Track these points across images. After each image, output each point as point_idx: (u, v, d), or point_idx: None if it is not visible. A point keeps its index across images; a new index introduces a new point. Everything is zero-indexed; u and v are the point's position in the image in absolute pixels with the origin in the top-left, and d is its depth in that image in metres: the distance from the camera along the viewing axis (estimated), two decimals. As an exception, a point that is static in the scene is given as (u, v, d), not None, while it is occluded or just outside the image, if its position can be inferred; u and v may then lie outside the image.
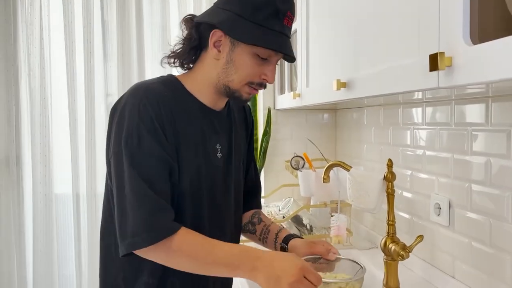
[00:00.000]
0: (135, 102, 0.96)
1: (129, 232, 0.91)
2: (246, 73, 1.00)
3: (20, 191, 2.15)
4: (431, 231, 1.34)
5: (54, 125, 2.18)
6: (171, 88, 1.03)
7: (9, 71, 2.09)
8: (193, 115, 1.04)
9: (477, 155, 1.14)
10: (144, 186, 0.92)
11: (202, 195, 1.04)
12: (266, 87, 1.08)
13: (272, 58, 1.01)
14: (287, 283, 0.88)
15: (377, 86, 1.01)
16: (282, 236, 1.17)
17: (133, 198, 0.92)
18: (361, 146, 1.87)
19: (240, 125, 1.20)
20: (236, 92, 1.03)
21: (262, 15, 0.96)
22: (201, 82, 1.05)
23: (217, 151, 1.07)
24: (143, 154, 0.94)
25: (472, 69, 0.68)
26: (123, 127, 0.95)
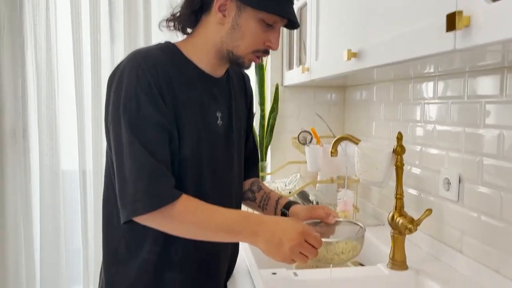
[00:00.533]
0: (133, 68, 0.94)
1: (130, 199, 0.91)
2: (252, 39, 0.99)
3: (27, 164, 2.15)
4: (440, 207, 1.32)
5: (61, 99, 2.16)
6: (169, 54, 1.02)
7: (15, 42, 2.07)
8: (192, 81, 1.02)
9: (490, 128, 1.11)
10: (144, 152, 0.91)
11: (203, 163, 1.03)
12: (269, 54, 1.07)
13: (277, 25, 1.00)
14: (288, 247, 0.88)
15: (389, 53, 0.99)
16: (283, 202, 1.18)
17: (133, 164, 0.91)
18: (370, 123, 1.84)
19: (240, 93, 1.19)
20: (240, 58, 1.01)
21: None
22: (201, 47, 1.03)
23: (217, 118, 1.06)
24: (142, 120, 0.93)
25: (491, 27, 0.65)
26: (121, 93, 0.94)
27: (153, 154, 0.92)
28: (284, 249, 0.89)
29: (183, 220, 0.93)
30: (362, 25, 1.17)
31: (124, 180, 0.92)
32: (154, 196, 0.90)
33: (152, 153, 0.92)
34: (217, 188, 1.07)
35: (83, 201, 2.22)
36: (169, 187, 0.93)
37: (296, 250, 0.89)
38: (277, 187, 1.84)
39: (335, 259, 1.03)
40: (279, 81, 2.20)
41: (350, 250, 1.04)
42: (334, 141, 1.34)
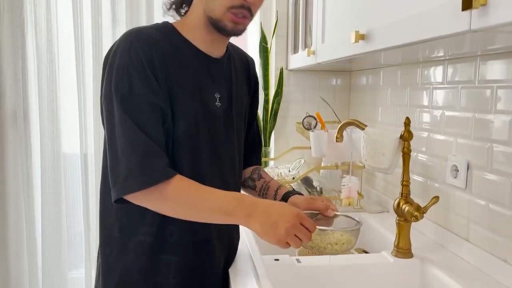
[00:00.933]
0: (125, 46, 0.93)
1: (121, 176, 0.89)
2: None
3: (28, 147, 2.13)
4: (446, 194, 1.29)
5: (62, 81, 2.13)
6: (165, 33, 1.00)
7: (14, 23, 2.03)
8: (188, 61, 1.00)
9: (501, 113, 1.08)
10: (136, 130, 0.90)
11: (200, 143, 1.01)
12: (253, 16, 1.00)
13: None
14: (283, 228, 0.87)
15: (400, 35, 0.95)
16: (282, 193, 1.17)
17: (125, 141, 0.90)
18: (376, 109, 1.80)
19: (242, 76, 1.16)
20: (220, 21, 0.97)
21: None
22: (193, 24, 1.02)
23: (216, 99, 1.04)
24: (134, 97, 0.91)
25: (510, 6, 0.61)
26: (113, 71, 0.93)
27: (146, 132, 0.90)
28: (279, 230, 0.88)
29: (176, 199, 0.92)
30: (371, 4, 1.13)
31: (116, 158, 0.91)
32: (147, 173, 0.89)
33: (145, 131, 0.90)
34: (214, 169, 1.05)
35: (84, 184, 2.21)
36: (162, 165, 0.91)
37: (291, 232, 0.88)
38: (280, 173, 1.82)
39: (328, 248, 1.03)
40: (284, 65, 2.17)
41: (344, 243, 1.04)
42: (339, 126, 1.31)
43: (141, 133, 0.90)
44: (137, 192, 0.89)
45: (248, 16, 0.98)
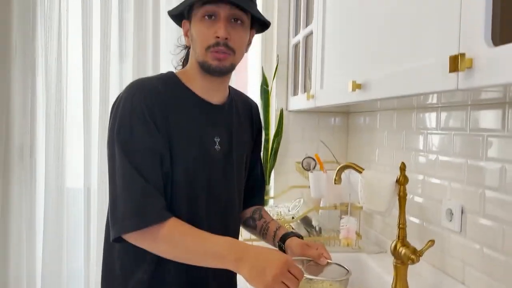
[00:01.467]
0: (128, 96, 1.01)
1: (119, 217, 0.95)
2: (201, 38, 1.04)
3: (33, 182, 2.16)
4: (442, 237, 1.33)
5: (69, 119, 2.19)
6: (168, 83, 1.08)
7: (26, 63, 2.11)
8: (189, 108, 1.07)
9: (491, 161, 1.13)
10: (134, 173, 0.96)
11: (198, 188, 1.06)
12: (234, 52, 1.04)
13: (219, 15, 1.02)
14: (271, 275, 0.89)
15: (394, 87, 1.01)
16: (280, 234, 1.20)
17: (124, 184, 0.96)
18: (373, 150, 1.86)
19: (245, 121, 1.21)
20: (205, 62, 1.04)
21: None
22: (191, 72, 1.10)
23: (215, 143, 1.09)
24: (134, 142, 0.98)
25: (493, 71, 0.67)
26: (117, 118, 1.00)
27: (144, 175, 0.96)
28: (267, 276, 0.89)
29: (169, 242, 0.96)
30: (367, 57, 1.20)
31: (115, 199, 0.97)
32: (141, 215, 0.94)
33: (143, 174, 0.96)
34: (213, 213, 1.09)
35: (86, 219, 2.23)
36: (158, 207, 0.96)
37: (278, 279, 0.89)
38: (280, 212, 1.85)
39: None
40: (284, 106, 2.24)
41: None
42: (338, 169, 1.35)
43: (139, 176, 0.96)
44: (132, 232, 0.95)
45: (228, 52, 1.03)
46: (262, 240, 1.27)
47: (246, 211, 1.29)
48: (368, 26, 1.20)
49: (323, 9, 1.62)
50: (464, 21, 0.75)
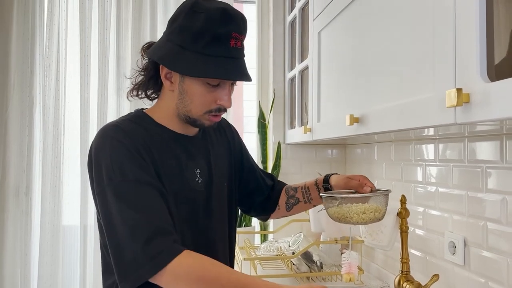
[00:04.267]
0: (105, 142, 0.96)
1: (130, 267, 0.87)
2: (200, 102, 1.00)
3: (29, 221, 2.14)
4: (446, 270, 1.30)
5: (66, 157, 2.19)
6: (140, 121, 1.04)
7: (24, 102, 2.12)
8: (166, 144, 1.04)
9: (492, 192, 1.12)
10: (135, 216, 0.89)
11: (182, 221, 1.02)
12: (226, 111, 1.06)
13: (224, 83, 1.00)
14: None
15: (392, 121, 1.02)
16: (321, 180, 1.22)
17: (126, 231, 0.89)
18: (372, 182, 1.85)
19: (219, 143, 1.19)
20: (198, 121, 1.03)
21: (203, 43, 0.94)
22: (166, 112, 1.06)
23: (196, 175, 1.07)
24: (127, 183, 0.92)
25: (491, 105, 0.68)
26: (101, 166, 0.94)
27: (145, 215, 0.90)
28: None
29: (189, 277, 0.87)
30: (364, 91, 1.22)
31: (119, 250, 0.89)
32: (155, 256, 0.86)
33: (144, 214, 0.90)
34: (201, 247, 1.04)
35: (82, 255, 2.19)
36: (168, 242, 0.89)
37: None
38: (280, 247, 1.83)
39: (355, 218, 1.04)
40: (281, 139, 2.24)
41: (372, 211, 1.05)
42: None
43: (140, 218, 0.89)
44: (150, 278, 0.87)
45: (223, 112, 1.04)
46: (310, 208, 1.30)
47: (280, 199, 1.28)
48: (365, 60, 1.22)
49: (318, 44, 1.65)
50: (459, 56, 0.76)
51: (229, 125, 1.28)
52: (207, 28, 0.93)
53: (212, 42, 0.94)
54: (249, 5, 2.50)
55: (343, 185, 1.15)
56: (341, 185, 1.16)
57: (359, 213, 1.04)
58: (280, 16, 2.29)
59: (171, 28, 1.00)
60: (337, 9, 1.42)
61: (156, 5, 2.27)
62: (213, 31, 0.93)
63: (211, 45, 0.94)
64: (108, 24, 2.22)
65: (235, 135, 1.28)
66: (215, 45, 0.94)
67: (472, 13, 0.73)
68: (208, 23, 0.93)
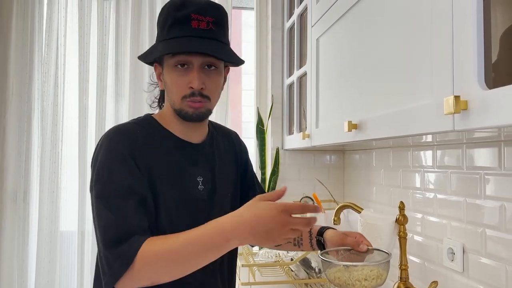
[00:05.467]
0: (106, 142, 1.00)
1: (105, 267, 0.91)
2: (175, 88, 1.03)
3: (26, 227, 2.13)
4: (445, 277, 1.30)
5: (64, 162, 2.18)
6: (145, 126, 1.06)
7: (22, 108, 2.12)
8: (169, 149, 1.05)
9: (490, 199, 1.13)
10: (110, 216, 0.92)
11: (183, 228, 0.99)
12: (210, 99, 1.04)
13: (192, 65, 1.00)
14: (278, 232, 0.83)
15: (390, 128, 1.02)
16: (315, 230, 1.20)
17: (100, 230, 0.93)
18: (370, 188, 1.85)
19: (227, 154, 1.19)
20: (181, 111, 1.04)
21: (166, 30, 1.01)
22: (168, 115, 1.09)
23: (198, 183, 1.07)
24: (111, 185, 0.95)
25: (489, 113, 0.68)
26: (96, 165, 0.99)
27: (120, 218, 0.92)
28: (274, 236, 0.84)
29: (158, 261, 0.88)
30: (362, 97, 1.22)
31: (99, 249, 0.94)
32: (123, 255, 0.89)
33: (119, 216, 0.92)
34: None
35: (80, 262, 2.18)
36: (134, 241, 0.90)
37: (285, 230, 0.84)
38: (279, 253, 1.82)
39: (357, 285, 1.01)
40: (279, 145, 2.24)
41: (374, 278, 1.02)
42: (336, 209, 1.34)
43: (114, 219, 0.92)
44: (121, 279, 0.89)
45: (203, 100, 1.03)
46: (298, 250, 1.26)
47: None
48: (363, 67, 1.22)
49: (316, 50, 1.66)
50: (456, 64, 0.77)
51: (240, 141, 1.29)
52: (167, 15, 1.01)
53: (172, 26, 1.00)
54: (248, 11, 2.51)
55: (339, 241, 1.13)
56: (336, 241, 1.13)
57: (361, 279, 1.02)
58: (278, 22, 2.30)
59: None
60: (336, 15, 1.42)
61: (155, 11, 2.27)
62: (172, 16, 1.00)
63: (172, 29, 1.00)
64: (107, 30, 2.22)
65: (243, 151, 1.28)
66: (175, 28, 1.00)
67: (469, 20, 0.73)
68: (168, 11, 1.02)
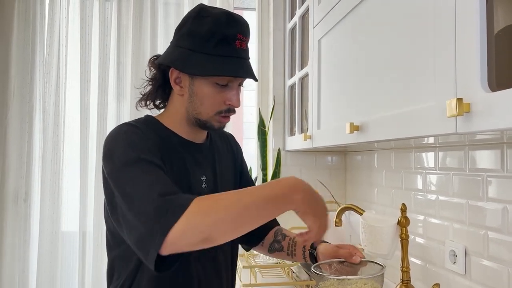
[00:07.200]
0: (119, 132, 0.97)
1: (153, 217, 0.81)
2: (210, 103, 1.02)
3: (27, 228, 2.13)
4: (447, 279, 1.30)
5: (65, 163, 2.19)
6: (149, 125, 1.05)
7: (23, 108, 2.13)
8: (175, 149, 1.05)
9: (493, 201, 1.12)
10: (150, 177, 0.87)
11: None
12: (236, 112, 1.07)
13: (232, 83, 1.02)
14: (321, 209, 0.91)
15: (392, 129, 1.02)
16: (309, 243, 1.18)
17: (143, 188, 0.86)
18: (372, 189, 1.85)
19: (225, 154, 1.21)
20: (208, 122, 1.04)
21: (211, 45, 0.98)
22: (174, 118, 1.08)
23: (202, 182, 1.08)
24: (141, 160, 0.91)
25: (492, 115, 0.68)
26: (114, 152, 0.93)
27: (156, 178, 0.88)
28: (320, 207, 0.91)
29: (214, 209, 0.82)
30: (364, 99, 1.22)
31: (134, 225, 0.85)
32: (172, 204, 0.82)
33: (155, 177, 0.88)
34: (201, 255, 1.04)
35: (81, 263, 2.18)
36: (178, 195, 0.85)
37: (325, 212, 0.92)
38: (280, 254, 1.81)
39: None
40: (281, 146, 2.24)
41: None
42: (338, 211, 1.34)
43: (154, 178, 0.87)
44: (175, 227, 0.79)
45: (232, 113, 1.06)
46: (290, 260, 1.25)
47: (266, 237, 1.26)
48: (365, 69, 1.22)
49: (318, 52, 1.66)
50: (459, 66, 0.76)
51: (236, 142, 1.30)
52: (215, 30, 0.97)
53: (220, 43, 0.97)
54: (250, 12, 2.51)
55: (332, 254, 1.12)
56: (329, 254, 1.13)
57: None
58: (280, 24, 2.29)
59: (178, 35, 1.03)
60: (338, 17, 1.42)
61: (157, 11, 2.28)
62: (220, 32, 0.97)
63: (219, 45, 0.98)
64: (109, 30, 2.22)
65: (239, 153, 1.29)
66: (223, 45, 0.98)
67: (472, 22, 0.73)
68: (216, 26, 0.98)
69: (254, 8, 2.40)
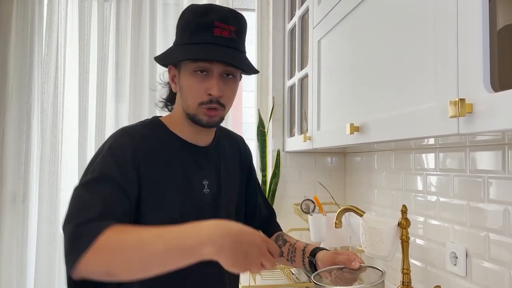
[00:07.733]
0: (111, 141, 1.00)
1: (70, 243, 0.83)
2: (192, 93, 1.01)
3: (25, 229, 2.12)
4: (447, 281, 1.29)
5: (63, 164, 2.17)
6: (152, 128, 1.06)
7: (22, 109, 2.11)
8: (175, 153, 1.05)
9: (494, 203, 1.11)
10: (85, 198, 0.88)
11: None
12: (225, 107, 1.03)
13: (212, 72, 0.99)
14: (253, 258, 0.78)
15: (393, 130, 1.01)
16: (309, 249, 1.16)
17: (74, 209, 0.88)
18: (372, 190, 1.84)
19: (233, 157, 1.20)
20: (195, 116, 1.03)
21: (188, 34, 1.00)
22: (177, 119, 1.08)
23: (204, 187, 1.07)
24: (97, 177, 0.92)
25: (494, 116, 0.67)
26: (84, 173, 0.96)
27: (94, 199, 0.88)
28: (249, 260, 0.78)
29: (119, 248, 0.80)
30: (364, 100, 1.21)
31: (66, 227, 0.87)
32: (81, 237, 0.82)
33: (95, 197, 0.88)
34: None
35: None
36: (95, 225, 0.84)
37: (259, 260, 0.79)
38: (279, 256, 1.81)
39: None
40: (280, 147, 2.23)
41: None
42: (338, 213, 1.33)
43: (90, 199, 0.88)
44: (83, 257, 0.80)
45: (219, 108, 1.02)
46: (290, 266, 1.22)
47: None
48: (365, 69, 1.21)
49: (317, 52, 1.65)
50: (461, 66, 0.75)
51: (245, 146, 1.29)
52: (191, 20, 1.00)
53: (195, 32, 0.99)
54: (249, 12, 2.50)
55: (331, 261, 1.10)
56: (328, 261, 1.11)
57: None
58: (280, 24, 2.29)
59: None
60: (337, 17, 1.41)
61: (156, 12, 2.27)
62: (196, 21, 0.99)
63: (194, 34, 0.99)
64: (107, 31, 2.21)
65: (248, 157, 1.28)
66: (198, 34, 0.99)
67: (475, 22, 0.72)
68: (192, 16, 1.01)
69: (253, 9, 2.40)
